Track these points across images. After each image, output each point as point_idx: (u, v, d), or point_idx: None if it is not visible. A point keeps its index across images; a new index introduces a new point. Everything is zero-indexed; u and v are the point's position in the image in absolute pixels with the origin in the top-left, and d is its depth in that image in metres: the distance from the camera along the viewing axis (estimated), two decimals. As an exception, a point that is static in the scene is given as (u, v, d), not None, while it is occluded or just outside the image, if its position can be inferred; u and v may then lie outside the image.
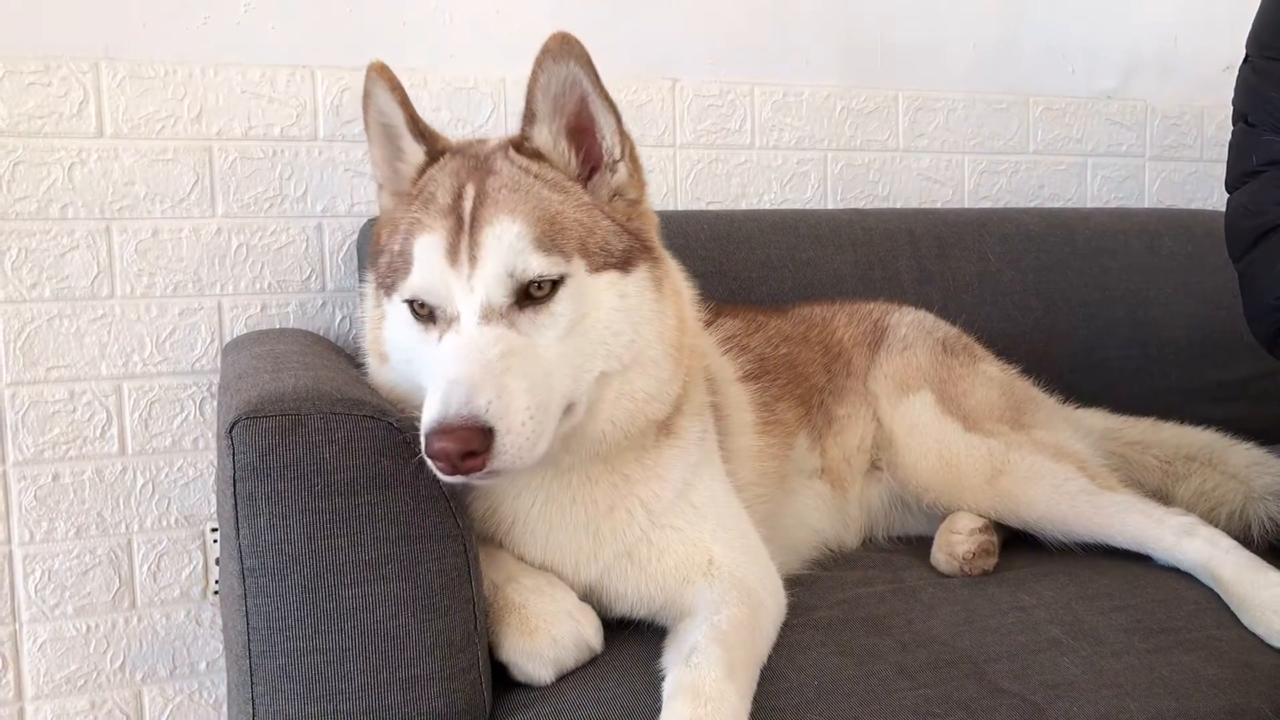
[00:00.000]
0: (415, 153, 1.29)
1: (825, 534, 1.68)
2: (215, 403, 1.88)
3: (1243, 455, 1.80)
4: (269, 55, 1.91)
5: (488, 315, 1.14)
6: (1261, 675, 1.25)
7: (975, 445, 1.65)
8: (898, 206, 2.40)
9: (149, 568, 1.90)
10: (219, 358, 1.87)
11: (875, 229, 2.18)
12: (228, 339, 1.89)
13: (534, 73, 1.23)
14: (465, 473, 1.06)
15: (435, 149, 1.29)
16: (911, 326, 1.87)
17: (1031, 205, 2.52)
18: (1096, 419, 1.96)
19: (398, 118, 1.29)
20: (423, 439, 1.06)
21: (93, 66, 1.81)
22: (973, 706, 1.16)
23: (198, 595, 1.93)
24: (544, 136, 1.25)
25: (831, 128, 2.34)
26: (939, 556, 1.57)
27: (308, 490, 1.06)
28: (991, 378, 1.81)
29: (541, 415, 1.10)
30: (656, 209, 1.37)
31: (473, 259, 1.15)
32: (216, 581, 1.92)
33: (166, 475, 1.90)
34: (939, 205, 2.45)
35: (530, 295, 1.15)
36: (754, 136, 2.28)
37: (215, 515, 1.91)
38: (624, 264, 1.23)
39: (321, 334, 1.93)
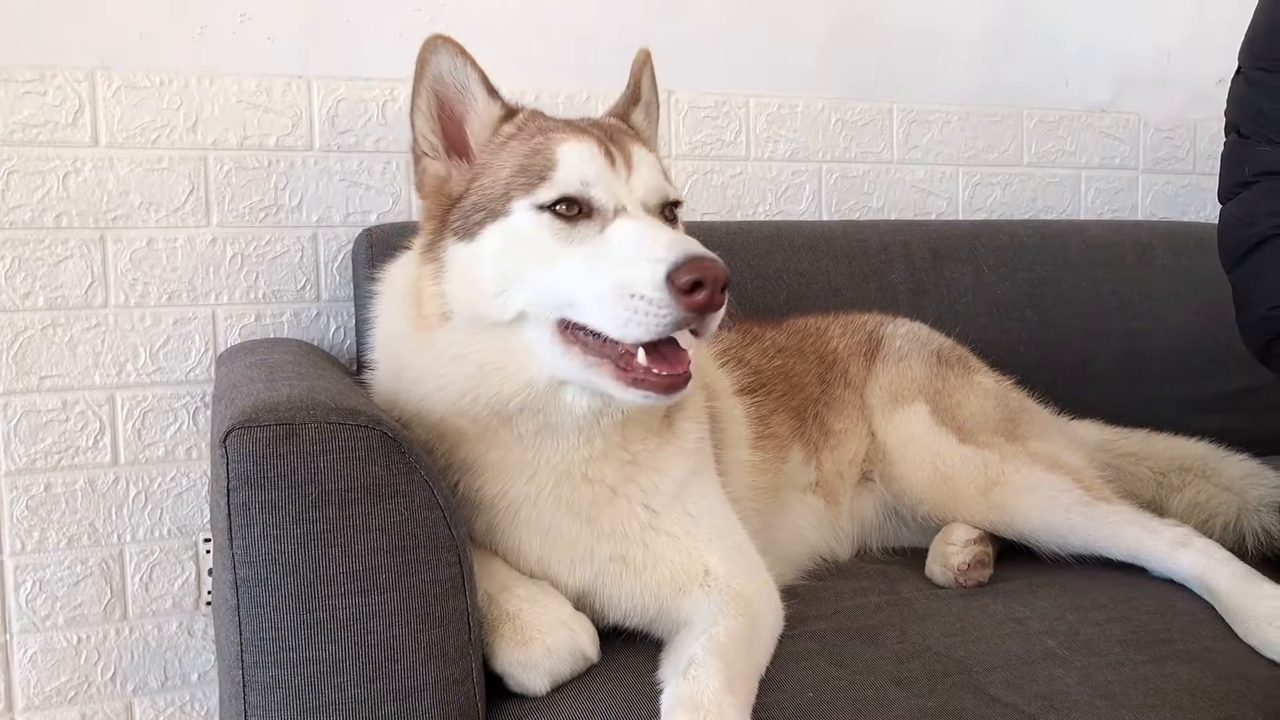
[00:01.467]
0: (490, 108, 1.32)
1: (818, 546, 1.68)
2: (209, 412, 1.87)
3: (1237, 467, 1.80)
4: (265, 66, 1.91)
5: (650, 212, 1.23)
6: (1256, 687, 1.24)
7: (970, 457, 1.65)
8: (892, 218, 2.41)
9: (141, 578, 1.89)
10: (213, 367, 1.87)
11: (870, 240, 2.18)
12: (222, 349, 1.89)
13: (646, 66, 1.46)
14: (716, 307, 1.10)
15: (509, 105, 1.34)
16: (906, 338, 1.87)
17: (1025, 217, 2.53)
18: (1091, 430, 1.96)
19: (469, 78, 1.31)
20: (670, 274, 1.07)
21: (88, 76, 1.81)
22: (967, 717, 1.16)
23: (190, 606, 1.92)
24: (639, 117, 1.44)
25: (826, 140, 2.35)
26: (934, 568, 1.57)
27: (302, 500, 1.05)
28: (986, 389, 1.82)
29: None
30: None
31: (629, 165, 1.25)
32: (209, 592, 1.91)
33: (159, 485, 1.89)
34: (933, 217, 2.46)
35: (662, 214, 1.26)
36: (749, 148, 2.28)
37: (208, 526, 1.90)
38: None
39: (316, 344, 1.93)
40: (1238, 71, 1.68)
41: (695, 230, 1.43)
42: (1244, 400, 2.28)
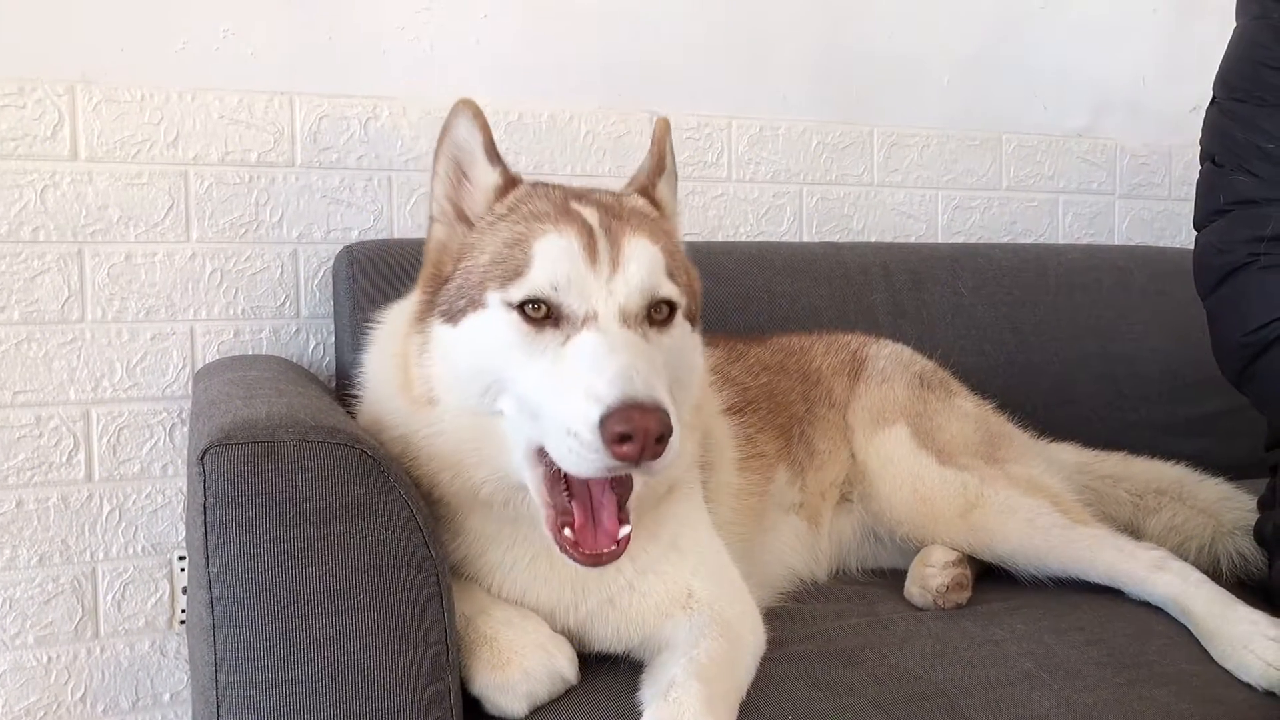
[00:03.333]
0: (489, 176, 1.28)
1: (798, 568, 1.68)
2: (186, 429, 1.86)
3: (1212, 490, 1.82)
4: (247, 81, 1.91)
5: (626, 321, 1.14)
6: (1232, 710, 1.25)
7: (949, 479, 1.65)
8: (872, 240, 2.43)
9: (114, 597, 1.87)
10: (190, 384, 1.86)
11: (850, 262, 2.19)
12: (200, 365, 1.88)
13: (667, 133, 1.37)
14: (651, 458, 1.02)
15: (509, 174, 1.29)
16: (889, 359, 1.88)
17: (1004, 240, 2.56)
18: (1069, 453, 1.97)
19: (475, 141, 1.28)
20: (603, 420, 1.01)
21: (69, 89, 1.80)
22: (947, 741, 1.16)
23: (163, 625, 1.90)
24: (664, 190, 1.36)
25: (807, 162, 2.36)
26: (913, 590, 1.57)
27: (279, 518, 1.04)
28: (966, 413, 1.82)
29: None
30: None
31: (614, 262, 1.16)
32: (183, 611, 1.89)
33: (134, 502, 1.87)
34: (913, 240, 2.47)
35: (650, 317, 1.18)
36: (731, 169, 2.30)
37: (183, 543, 1.88)
38: (692, 319, 1.28)
39: (295, 361, 1.92)
40: (1212, 101, 1.70)
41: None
42: (1219, 424, 2.30)
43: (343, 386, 1.84)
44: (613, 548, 1.12)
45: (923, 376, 1.84)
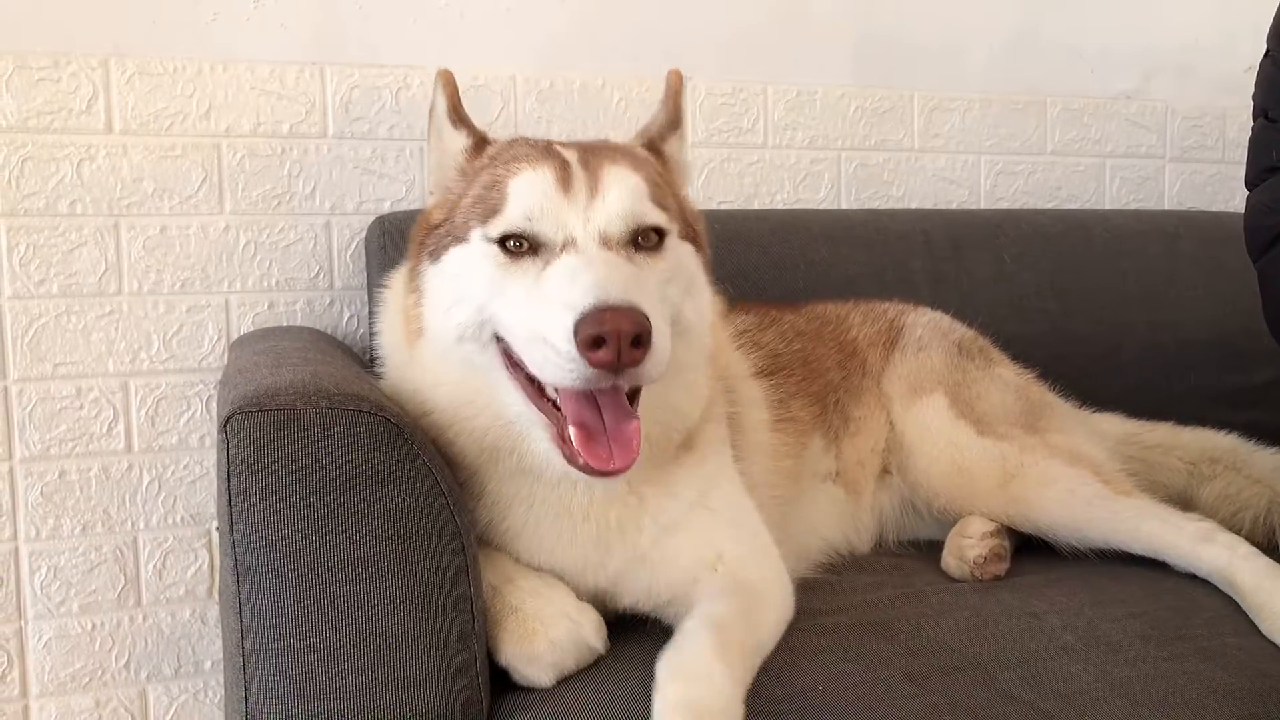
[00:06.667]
0: (454, 140, 1.32)
1: (836, 541, 1.65)
2: (221, 400, 1.87)
3: (1267, 460, 1.77)
4: (278, 52, 1.90)
5: (607, 244, 1.14)
6: (1278, 685, 1.21)
7: (988, 449, 1.62)
8: (912, 207, 2.38)
9: (154, 565, 1.89)
10: (226, 355, 1.87)
11: (889, 230, 2.15)
12: (235, 336, 1.89)
13: (678, 92, 1.39)
14: (626, 365, 1.02)
15: (478, 134, 1.32)
16: (927, 328, 1.85)
17: (1048, 207, 2.49)
18: (1114, 424, 1.92)
19: (442, 110, 1.33)
20: (576, 326, 1.02)
21: (102, 63, 1.81)
22: (981, 714, 1.14)
23: (203, 594, 1.93)
24: (673, 145, 1.38)
25: (845, 127, 2.32)
26: (949, 561, 1.54)
27: (303, 485, 1.04)
28: (1006, 381, 1.78)
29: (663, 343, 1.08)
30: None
31: (592, 190, 1.17)
32: (222, 580, 1.92)
33: (172, 473, 1.89)
34: (954, 206, 2.42)
35: (638, 244, 1.18)
36: (767, 136, 2.26)
37: (221, 513, 1.90)
38: (694, 242, 1.29)
39: (329, 332, 1.92)
40: (1265, 54, 1.64)
41: (712, 220, 1.42)
42: (1271, 394, 2.23)
43: (376, 357, 1.85)
44: (626, 463, 1.09)
45: (961, 344, 1.81)
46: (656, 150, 1.36)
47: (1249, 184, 1.63)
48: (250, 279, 1.91)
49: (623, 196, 1.17)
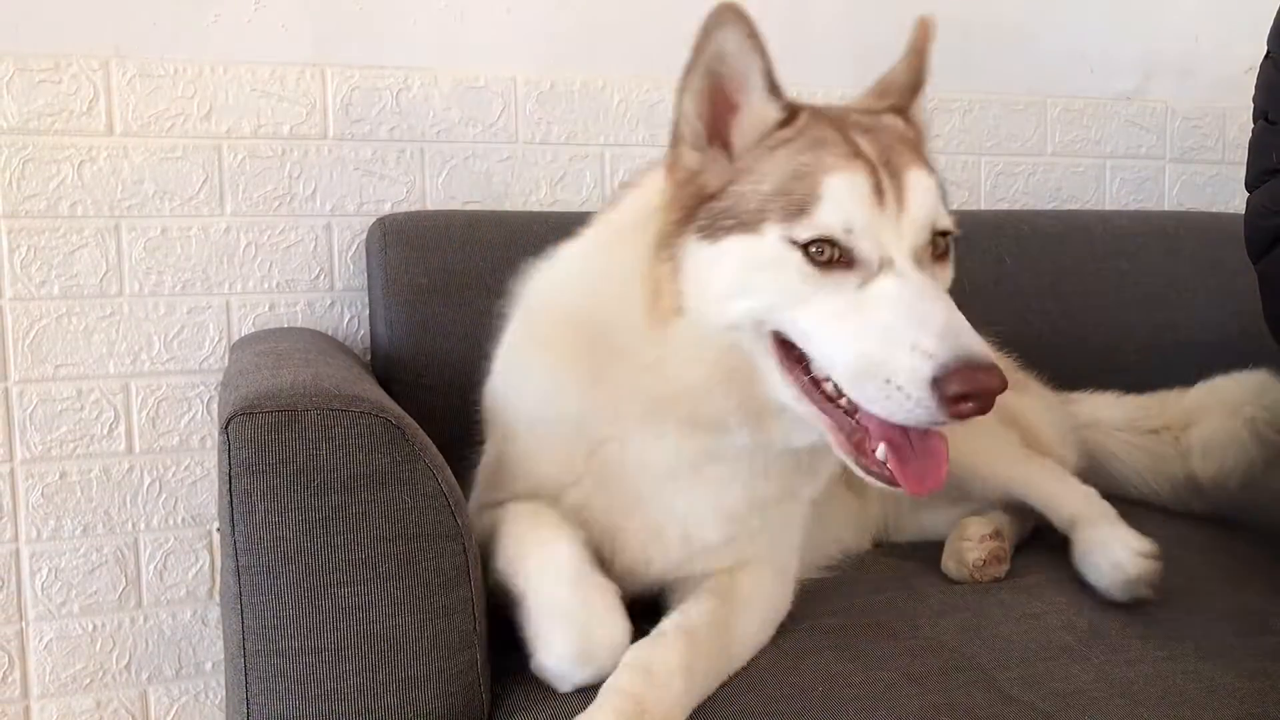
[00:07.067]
0: (767, 110, 1.16)
1: (848, 542, 1.65)
2: (222, 401, 1.87)
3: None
4: (279, 54, 1.91)
5: (919, 261, 1.09)
6: (1278, 684, 1.21)
7: None
8: (912, 208, 2.37)
9: (155, 567, 1.90)
10: (227, 356, 1.87)
11: (889, 230, 2.15)
12: (236, 338, 1.89)
13: (926, 46, 1.30)
14: (984, 410, 0.99)
15: (790, 106, 1.17)
16: None
17: (1049, 207, 2.49)
18: (1109, 408, 1.96)
19: (751, 67, 1.15)
20: (939, 379, 0.97)
21: (103, 65, 1.81)
22: (981, 714, 1.14)
23: (204, 595, 1.93)
24: (918, 109, 1.28)
25: (845, 128, 2.31)
26: (949, 564, 1.54)
27: (304, 487, 1.04)
28: None
29: None
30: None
31: (900, 202, 1.09)
32: (223, 581, 1.92)
33: (173, 474, 1.89)
34: (954, 207, 2.41)
35: (933, 251, 1.12)
36: (767, 137, 2.25)
37: (222, 514, 1.90)
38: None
39: (330, 333, 1.93)
40: (1266, 56, 1.64)
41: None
42: (1273, 394, 2.23)
43: (377, 358, 1.85)
44: (940, 480, 1.07)
45: None
46: (905, 117, 1.26)
47: (1249, 186, 1.63)
48: (251, 280, 1.91)
49: (925, 204, 1.11)
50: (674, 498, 1.25)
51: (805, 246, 1.07)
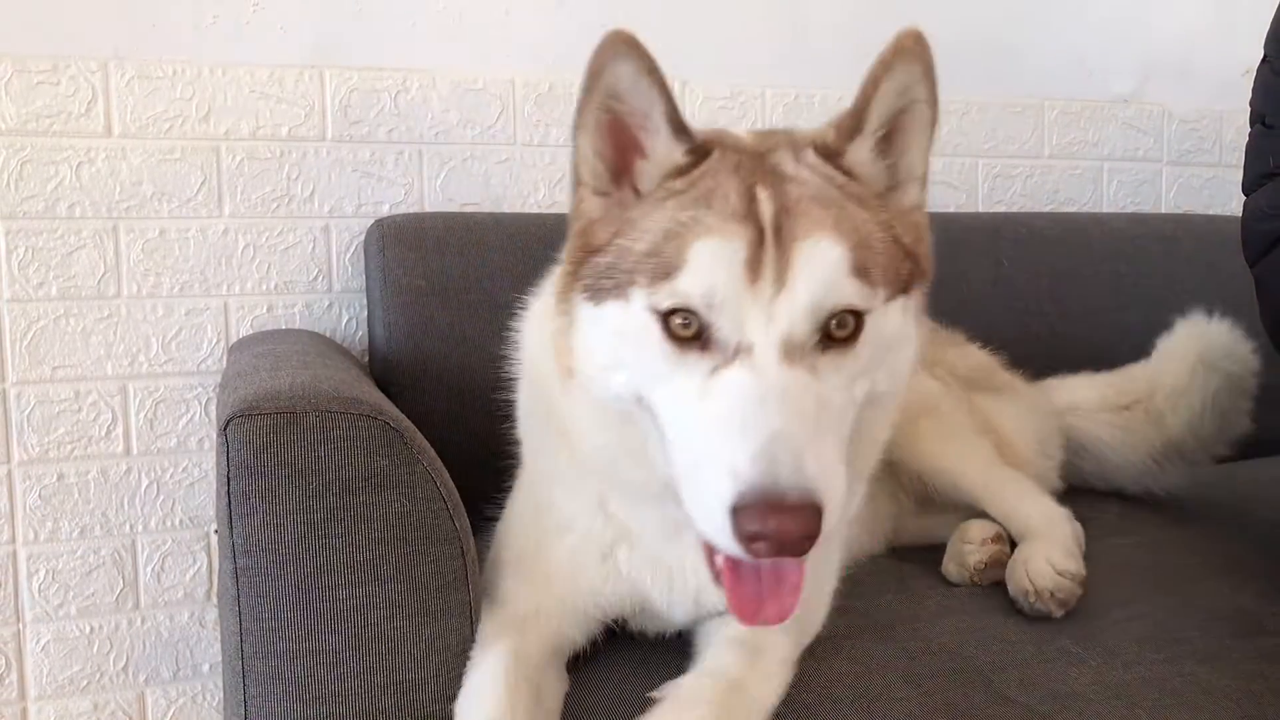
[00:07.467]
0: (670, 152, 1.03)
1: (864, 544, 1.64)
2: (220, 403, 1.87)
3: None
4: (277, 55, 1.91)
5: (790, 354, 0.93)
6: (1275, 686, 1.22)
7: (920, 381, 1.63)
8: (910, 210, 2.38)
9: (153, 569, 1.90)
10: (225, 358, 1.87)
11: (887, 233, 2.15)
12: (234, 339, 1.89)
13: (877, 79, 1.07)
14: (792, 554, 0.86)
15: (699, 148, 1.03)
16: None
17: (1046, 210, 2.50)
18: (1086, 389, 1.98)
19: (652, 104, 1.02)
20: (734, 508, 0.85)
21: (101, 66, 1.81)
22: (978, 716, 1.14)
23: (201, 597, 1.93)
24: (862, 153, 1.06)
25: (843, 131, 2.32)
26: (950, 567, 1.54)
27: (302, 489, 1.04)
28: (968, 351, 1.86)
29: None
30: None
31: (779, 280, 0.93)
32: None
33: (171, 476, 1.89)
34: (952, 209, 2.42)
35: (829, 333, 0.95)
36: (765, 139, 2.26)
37: (219, 516, 1.90)
38: (906, 289, 1.06)
39: (328, 335, 1.93)
40: (1263, 60, 1.64)
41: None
42: (1267, 396, 2.23)
43: (375, 360, 1.85)
44: (777, 609, 0.96)
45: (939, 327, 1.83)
46: (838, 163, 1.06)
47: (1246, 189, 1.63)
48: (249, 282, 1.91)
49: (813, 281, 0.94)
50: (684, 554, 1.17)
51: (666, 317, 0.95)
